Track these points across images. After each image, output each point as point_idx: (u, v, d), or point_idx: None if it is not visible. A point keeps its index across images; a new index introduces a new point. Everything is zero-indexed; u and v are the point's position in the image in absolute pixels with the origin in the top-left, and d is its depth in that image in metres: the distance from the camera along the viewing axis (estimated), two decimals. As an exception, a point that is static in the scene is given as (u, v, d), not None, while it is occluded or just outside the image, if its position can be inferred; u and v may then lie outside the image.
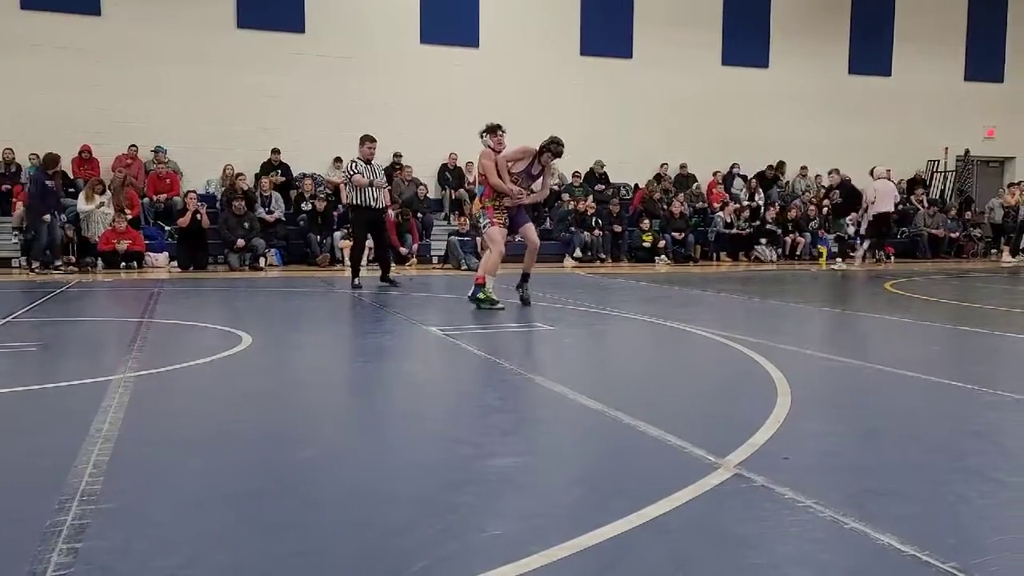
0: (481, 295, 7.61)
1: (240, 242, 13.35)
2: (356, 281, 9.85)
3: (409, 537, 2.30)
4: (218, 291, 10.04)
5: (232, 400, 4.22)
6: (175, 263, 13.31)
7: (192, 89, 15.04)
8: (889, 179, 15.99)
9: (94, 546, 2.19)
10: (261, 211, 14.34)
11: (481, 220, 7.94)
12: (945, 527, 2.40)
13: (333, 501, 2.61)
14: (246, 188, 14.35)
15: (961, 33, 20.10)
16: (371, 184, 9.77)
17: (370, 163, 10.00)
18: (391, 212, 10.10)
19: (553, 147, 7.63)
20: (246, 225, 13.59)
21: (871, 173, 15.11)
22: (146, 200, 14.37)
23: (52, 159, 12.59)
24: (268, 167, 15.38)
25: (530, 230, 8.00)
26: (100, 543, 2.22)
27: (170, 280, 11.41)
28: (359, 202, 9.89)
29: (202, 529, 2.37)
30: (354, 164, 9.95)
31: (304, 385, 4.63)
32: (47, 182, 12.40)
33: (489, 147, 7.86)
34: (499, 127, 7.96)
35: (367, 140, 10.09)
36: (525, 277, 8.03)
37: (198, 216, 13.16)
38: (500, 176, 7.68)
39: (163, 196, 14.46)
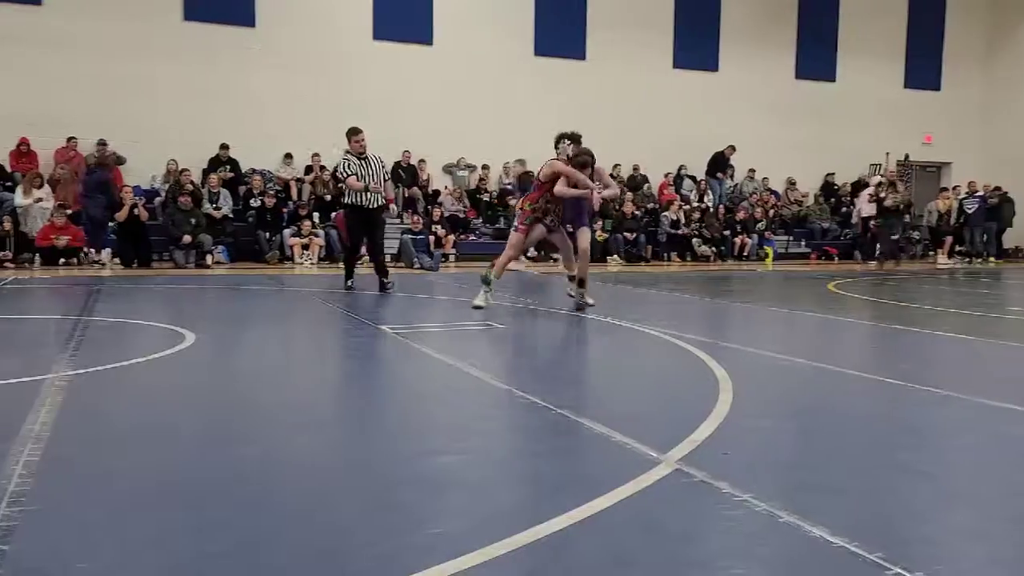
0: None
1: (186, 238, 13.10)
2: (350, 283, 9.29)
3: (349, 536, 2.29)
4: (162, 288, 9.83)
5: (171, 399, 4.14)
6: (117, 259, 12.99)
7: (136, 82, 14.67)
8: (875, 185, 16.70)
9: (21, 549, 2.14)
10: (208, 207, 14.08)
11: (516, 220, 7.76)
12: (874, 519, 2.47)
13: (272, 500, 2.58)
14: (192, 184, 14.06)
15: (901, 43, 20.69)
16: (367, 189, 8.86)
17: (364, 157, 8.99)
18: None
19: (564, 140, 7.53)
20: (192, 221, 13.33)
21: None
22: (88, 195, 13.98)
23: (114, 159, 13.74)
24: (216, 162, 15.11)
25: (583, 234, 7.61)
26: (28, 546, 2.16)
27: (112, 277, 11.13)
28: (352, 201, 9.05)
29: (135, 529, 2.32)
30: (347, 164, 8.99)
31: (247, 384, 4.57)
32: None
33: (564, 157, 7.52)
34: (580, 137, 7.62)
35: (354, 133, 9.04)
36: (581, 282, 7.61)
37: (135, 211, 12.84)
38: (576, 179, 7.32)
39: (106, 191, 14.08)
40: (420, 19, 16.75)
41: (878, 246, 15.98)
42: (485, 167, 17.15)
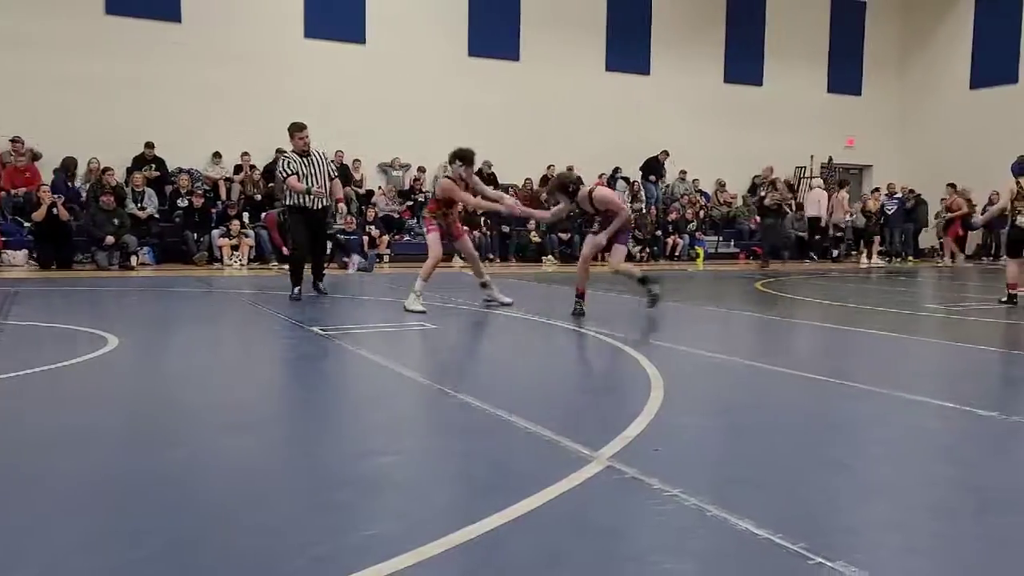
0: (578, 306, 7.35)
1: (109, 239, 12.66)
2: (296, 292, 8.39)
3: (282, 538, 2.26)
4: (83, 291, 9.50)
5: (94, 403, 4.01)
6: (35, 261, 12.49)
7: (57, 78, 14.09)
8: (823, 188, 17.73)
9: (-67, 562, 2.05)
10: (132, 207, 13.65)
11: (423, 228, 7.84)
12: (798, 511, 2.56)
13: (201, 503, 2.53)
14: (115, 183, 13.61)
15: (824, 49, 21.38)
16: (309, 191, 8.33)
17: (307, 155, 8.45)
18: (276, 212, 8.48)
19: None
20: (116, 221, 12.89)
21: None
22: (2, 193, 13.42)
23: (74, 162, 13.77)
24: (141, 161, 14.65)
25: (616, 251, 7.51)
26: (-60, 559, 2.07)
27: (30, 279, 10.69)
28: (293, 202, 8.45)
29: (60, 536, 2.25)
30: (287, 163, 8.48)
31: (174, 387, 4.45)
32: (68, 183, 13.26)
33: (451, 178, 7.68)
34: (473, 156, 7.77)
35: (297, 129, 8.48)
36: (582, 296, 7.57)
37: (54, 211, 12.36)
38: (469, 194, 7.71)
39: (22, 190, 13.52)
40: (352, 18, 16.57)
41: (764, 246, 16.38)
42: (421, 168, 17.07)
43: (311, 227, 8.63)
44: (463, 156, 7.67)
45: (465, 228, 7.95)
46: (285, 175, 8.52)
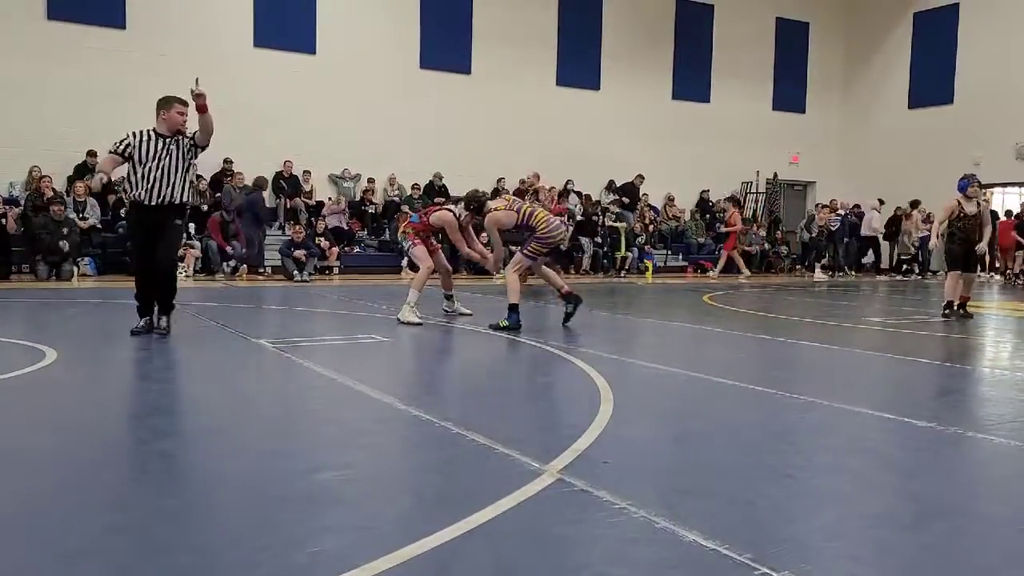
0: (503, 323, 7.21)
1: (63, 243, 12.23)
2: (142, 323, 6.43)
3: (224, 557, 2.21)
4: (22, 302, 9.19)
5: (29, 420, 3.87)
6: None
7: (-5, 83, 13.73)
8: (877, 209, 18.91)
9: None
10: (74, 216, 13.29)
11: (404, 243, 8.12)
12: (744, 521, 2.59)
13: (139, 524, 2.46)
14: (51, 192, 13.23)
15: (769, 68, 21.93)
16: (101, 184, 5.99)
17: (174, 138, 6.40)
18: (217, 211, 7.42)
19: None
20: (64, 231, 12.50)
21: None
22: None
23: (264, 181, 14.77)
24: (83, 170, 14.29)
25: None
26: None
27: (-37, 290, 10.33)
28: (131, 196, 6.29)
29: (-12, 562, 2.16)
30: (124, 143, 6.28)
31: (114, 403, 4.33)
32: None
33: (456, 217, 7.90)
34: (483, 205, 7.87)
35: (172, 103, 6.54)
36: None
37: (3, 221, 11.99)
38: (463, 236, 8.01)
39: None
40: (303, 28, 16.45)
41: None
42: (371, 179, 16.98)
43: (148, 231, 6.31)
44: (476, 205, 7.82)
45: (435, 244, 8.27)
46: (110, 150, 6.36)
